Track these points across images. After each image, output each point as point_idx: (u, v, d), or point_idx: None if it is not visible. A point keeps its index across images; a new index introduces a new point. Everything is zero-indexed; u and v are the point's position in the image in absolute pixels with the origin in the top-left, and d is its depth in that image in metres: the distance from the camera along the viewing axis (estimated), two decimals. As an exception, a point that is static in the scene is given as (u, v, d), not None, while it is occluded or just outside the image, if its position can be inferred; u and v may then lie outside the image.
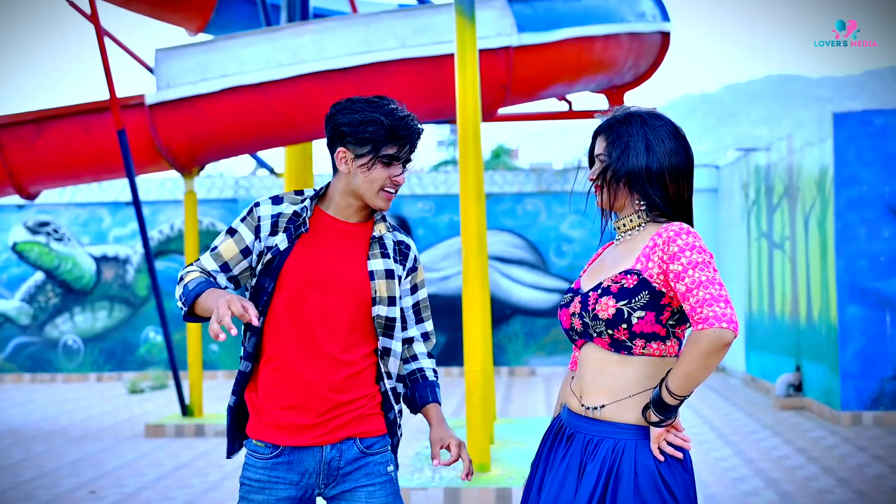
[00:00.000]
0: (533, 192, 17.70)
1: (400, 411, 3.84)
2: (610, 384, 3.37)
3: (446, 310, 17.12)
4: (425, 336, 3.91)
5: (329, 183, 3.80)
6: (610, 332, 3.32)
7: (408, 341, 3.88)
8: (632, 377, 3.34)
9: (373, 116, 3.62)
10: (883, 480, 8.87)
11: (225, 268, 3.74)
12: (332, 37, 11.59)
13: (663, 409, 3.24)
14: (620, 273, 3.36)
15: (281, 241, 3.70)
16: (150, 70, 12.11)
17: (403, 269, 3.82)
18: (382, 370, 3.76)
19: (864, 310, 11.67)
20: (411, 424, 11.82)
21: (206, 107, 11.59)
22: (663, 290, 3.29)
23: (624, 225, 3.50)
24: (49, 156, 11.77)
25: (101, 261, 18.02)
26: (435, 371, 3.92)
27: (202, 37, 15.12)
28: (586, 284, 3.48)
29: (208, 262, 3.75)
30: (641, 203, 3.46)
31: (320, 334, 3.68)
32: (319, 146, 11.89)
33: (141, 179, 17.40)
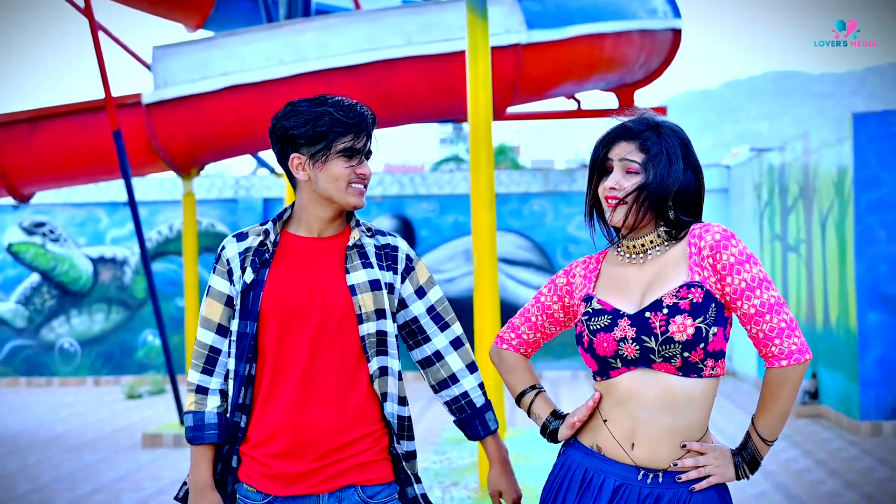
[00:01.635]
0: (539, 193, 17.37)
1: (408, 452, 3.47)
2: (673, 425, 3.01)
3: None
4: (456, 343, 3.51)
5: (292, 203, 3.47)
6: (686, 354, 2.95)
7: (437, 357, 3.49)
8: (696, 409, 3.00)
9: (319, 111, 3.30)
10: (911, 497, 8.55)
11: (222, 331, 3.40)
12: (336, 34, 11.29)
13: (758, 463, 3.08)
14: (681, 287, 2.99)
15: (248, 275, 3.35)
16: (148, 67, 11.79)
17: (395, 275, 3.43)
18: (379, 392, 3.37)
19: (884, 315, 11.32)
20: (417, 433, 11.49)
21: (206, 106, 11.28)
22: (723, 301, 3.00)
23: (643, 245, 3.12)
24: (43, 156, 11.47)
25: (98, 262, 17.68)
26: (482, 387, 3.51)
27: (202, 33, 14.82)
28: (624, 305, 3.07)
29: (204, 336, 3.42)
30: (661, 223, 3.12)
31: (311, 369, 3.30)
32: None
33: (139, 179, 17.08)
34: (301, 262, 3.37)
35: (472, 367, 3.50)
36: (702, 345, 2.94)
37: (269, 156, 15.83)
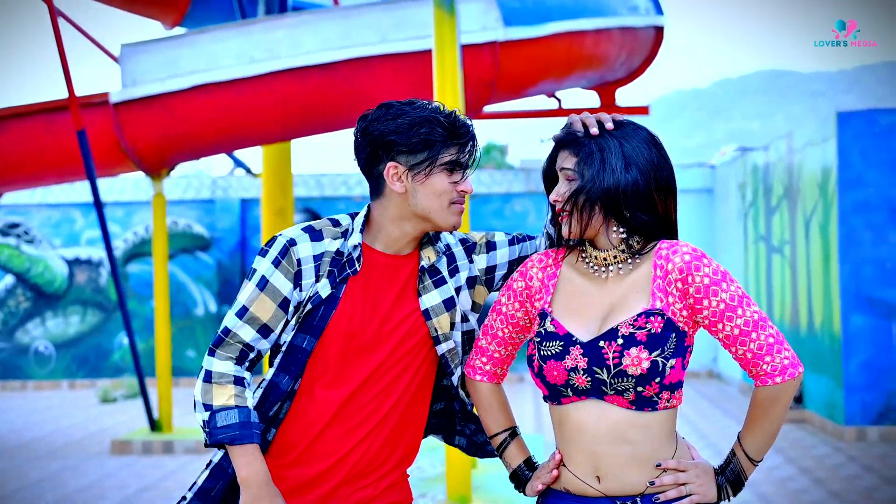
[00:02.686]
0: (522, 193, 17.17)
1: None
2: (634, 453, 2.78)
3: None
4: None
5: (368, 209, 3.11)
6: (640, 388, 2.73)
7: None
8: (656, 438, 2.79)
9: (423, 116, 2.96)
10: (895, 507, 8.33)
11: (265, 331, 3.03)
12: (309, 31, 11.05)
13: (741, 483, 2.88)
14: (639, 315, 2.76)
15: (323, 287, 3.01)
16: (118, 61, 11.54)
17: (459, 273, 3.15)
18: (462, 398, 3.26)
19: (869, 319, 11.10)
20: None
21: (175, 105, 11.03)
22: (685, 329, 2.79)
23: (605, 260, 2.86)
24: (9, 157, 11.22)
25: (73, 264, 17.42)
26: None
27: (179, 31, 14.59)
28: (579, 329, 2.82)
29: (244, 331, 3.01)
30: (621, 230, 2.84)
31: (367, 401, 3.04)
32: (298, 145, 11.35)
33: (114, 179, 16.84)
34: (379, 282, 3.06)
35: None
36: (657, 379, 2.73)
37: (245, 156, 15.64)
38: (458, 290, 3.12)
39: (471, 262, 3.17)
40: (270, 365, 3.10)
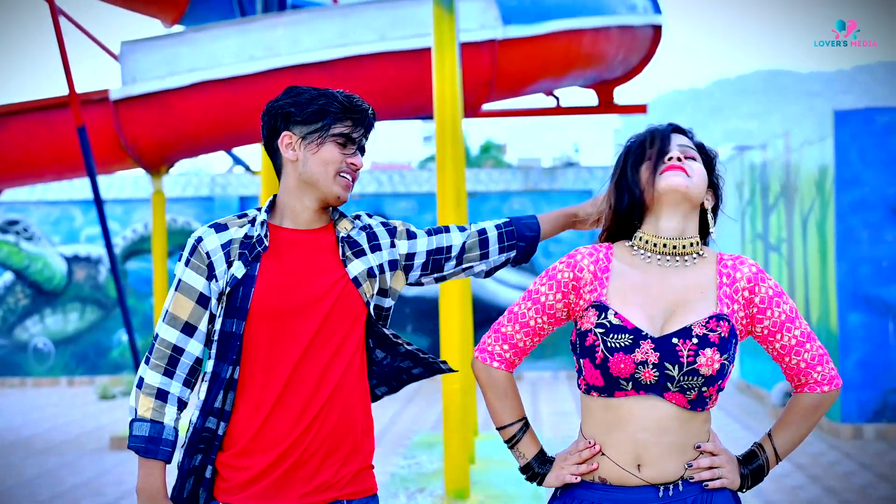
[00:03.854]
0: (520, 191, 17.19)
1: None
2: (675, 444, 2.83)
3: (429, 313, 16.61)
4: (461, 229, 3.37)
5: (275, 195, 3.20)
6: (704, 388, 2.80)
7: (449, 250, 3.34)
8: (696, 432, 2.86)
9: (322, 92, 3.11)
10: (890, 504, 8.36)
11: (188, 330, 3.09)
12: (308, 29, 11.08)
13: (762, 476, 3.02)
14: (711, 318, 2.82)
15: (237, 269, 3.07)
16: (118, 59, 11.57)
17: (381, 250, 3.21)
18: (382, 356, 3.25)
19: (866, 317, 11.14)
20: (389, 436, 11.32)
21: (175, 102, 11.06)
22: (740, 335, 2.94)
23: (684, 247, 2.93)
24: (8, 154, 11.24)
25: (72, 261, 17.45)
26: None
27: (178, 29, 14.62)
28: (646, 324, 2.83)
29: (167, 333, 3.09)
30: (704, 214, 3.02)
31: (305, 370, 3.07)
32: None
33: (114, 177, 16.86)
34: (294, 256, 3.12)
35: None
36: (720, 380, 2.82)
37: (244, 153, 15.63)
38: (380, 267, 3.18)
39: (393, 245, 3.24)
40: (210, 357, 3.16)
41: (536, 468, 3.04)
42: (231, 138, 11.56)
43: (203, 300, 3.08)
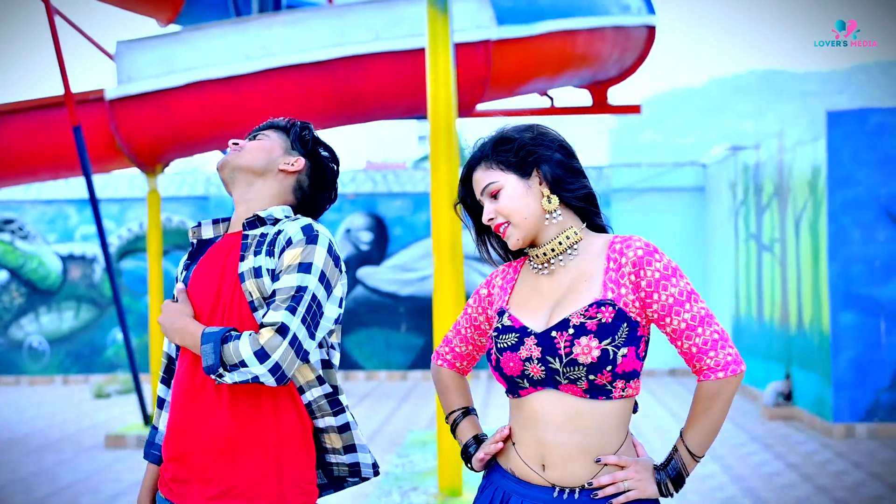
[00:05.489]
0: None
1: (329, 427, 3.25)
2: (582, 444, 2.86)
3: (424, 312, 16.64)
4: (261, 326, 3.02)
5: None
6: (591, 377, 2.80)
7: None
8: (607, 428, 2.87)
9: None
10: (882, 502, 8.39)
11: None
12: (304, 29, 11.11)
13: (683, 480, 2.92)
14: (591, 305, 2.84)
15: (181, 275, 3.32)
16: (113, 58, 11.59)
17: (274, 258, 3.11)
18: (301, 382, 3.16)
19: (858, 317, 11.18)
20: (383, 435, 11.35)
21: (170, 102, 11.08)
22: (638, 319, 2.87)
23: (554, 249, 2.98)
24: (3, 153, 11.26)
25: (67, 260, 17.47)
26: (231, 338, 3.01)
27: (174, 28, 14.64)
28: (533, 322, 2.92)
29: (164, 342, 3.43)
30: (557, 214, 2.97)
31: (196, 366, 3.15)
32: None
33: (109, 176, 16.88)
34: (210, 261, 3.25)
35: (245, 338, 2.99)
36: (609, 367, 2.80)
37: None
38: (270, 270, 3.10)
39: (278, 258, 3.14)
40: None
41: (471, 450, 3.12)
42: (227, 137, 11.57)
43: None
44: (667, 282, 2.84)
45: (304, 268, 3.05)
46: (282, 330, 2.97)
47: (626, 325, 2.83)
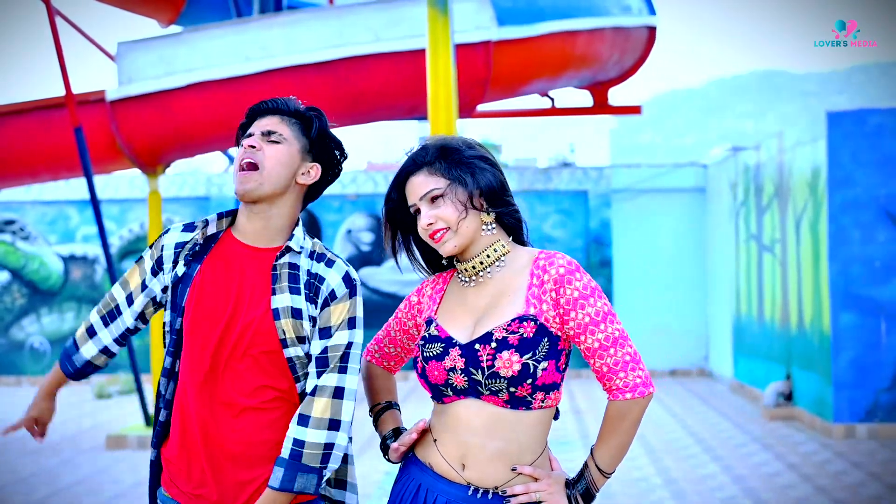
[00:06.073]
0: (516, 191, 17.11)
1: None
2: (502, 450, 2.95)
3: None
4: (314, 392, 3.11)
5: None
6: (512, 389, 2.89)
7: (301, 397, 3.20)
8: (525, 438, 2.96)
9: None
10: (881, 503, 8.40)
11: (130, 300, 3.31)
12: (304, 30, 11.13)
13: (592, 496, 3.00)
14: (514, 320, 2.93)
15: (180, 268, 3.21)
16: (114, 59, 11.61)
17: (316, 308, 3.16)
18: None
19: (858, 317, 11.19)
20: (374, 444, 11.35)
21: (171, 103, 11.11)
22: (559, 334, 2.96)
23: (483, 262, 3.04)
24: (4, 154, 11.28)
25: (68, 260, 17.48)
26: (298, 443, 3.07)
27: (175, 29, 14.65)
28: (459, 333, 3.00)
29: (117, 292, 3.34)
30: (490, 228, 3.03)
31: (214, 380, 3.14)
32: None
33: (110, 177, 16.89)
34: (229, 268, 3.19)
35: (302, 419, 3.08)
36: (529, 380, 2.89)
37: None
38: (311, 318, 3.16)
39: (319, 313, 3.18)
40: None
41: (387, 443, 3.19)
42: (227, 138, 11.60)
43: (144, 286, 3.28)
44: (584, 301, 2.92)
45: (352, 323, 3.17)
46: (338, 392, 3.10)
47: (547, 339, 2.91)
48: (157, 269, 3.25)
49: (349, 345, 3.15)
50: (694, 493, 8.77)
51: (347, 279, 3.19)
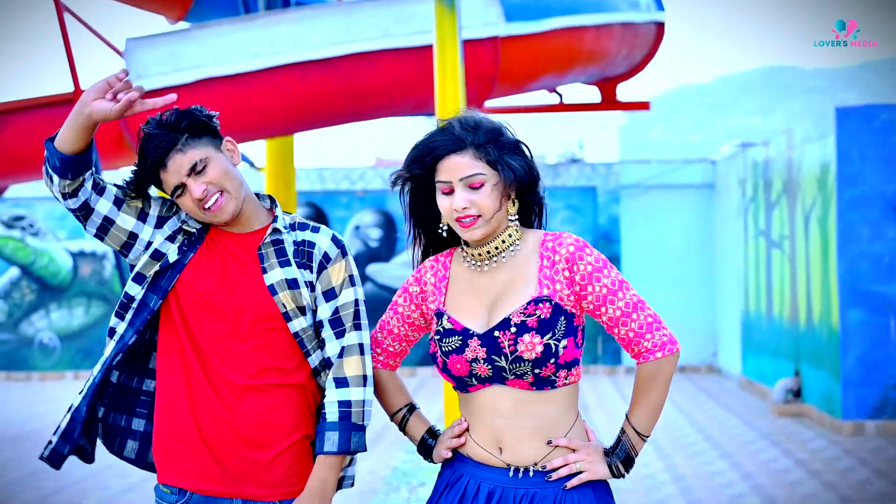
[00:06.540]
0: (523, 187, 17.19)
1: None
2: (535, 427, 2.98)
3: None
4: (342, 353, 3.19)
5: None
6: (537, 371, 2.92)
7: (327, 363, 3.22)
8: (555, 413, 2.99)
9: (138, 160, 3.18)
10: (887, 500, 8.40)
11: (143, 216, 3.23)
12: (311, 26, 11.11)
13: (632, 460, 3.06)
14: (529, 303, 2.94)
15: (171, 252, 3.19)
16: (122, 55, 11.61)
17: (312, 273, 3.22)
18: (324, 387, 3.24)
19: (866, 314, 11.17)
20: (392, 431, 11.36)
21: (178, 99, 11.09)
22: (574, 311, 2.99)
23: (498, 248, 3.04)
24: (13, 150, 11.28)
25: (78, 256, 17.52)
26: (344, 404, 3.16)
27: (183, 25, 14.66)
28: (473, 322, 3.01)
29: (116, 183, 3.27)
30: (516, 216, 3.05)
31: (222, 367, 3.15)
32: (300, 139, 11.42)
33: (117, 172, 16.89)
34: (220, 256, 3.22)
35: (340, 382, 3.17)
36: (552, 360, 2.92)
37: (248, 149, 15.66)
38: (308, 283, 3.21)
39: (316, 280, 3.24)
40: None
41: (428, 444, 3.20)
42: (234, 134, 11.58)
43: (142, 216, 3.20)
44: (599, 273, 2.96)
45: (352, 280, 3.24)
46: (361, 349, 3.19)
47: (563, 318, 2.94)
48: (158, 225, 3.21)
49: (356, 301, 3.23)
50: (702, 489, 8.77)
51: (336, 240, 3.27)
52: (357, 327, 3.21)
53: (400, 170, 3.10)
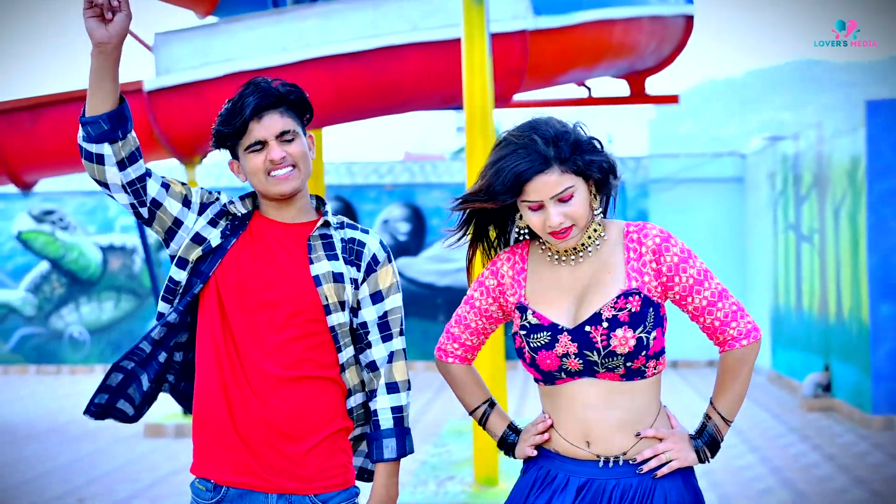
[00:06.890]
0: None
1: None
2: (623, 419, 2.99)
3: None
4: (389, 358, 3.25)
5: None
6: (629, 364, 2.93)
7: (372, 367, 3.25)
8: (642, 403, 3.01)
9: (227, 109, 3.22)
10: (919, 494, 8.36)
11: (167, 186, 3.20)
12: (339, 20, 11.12)
13: (718, 444, 3.10)
14: (619, 297, 2.94)
15: (214, 238, 3.19)
16: (151, 50, 11.65)
17: (359, 272, 3.24)
18: (350, 384, 3.24)
19: (897, 308, 11.10)
20: (420, 425, 11.38)
21: (208, 93, 11.12)
22: (660, 301, 3.01)
23: (583, 244, 3.04)
24: (44, 144, 11.35)
25: (107, 250, 17.61)
26: (398, 410, 3.25)
27: (212, 20, 14.69)
28: (561, 317, 2.98)
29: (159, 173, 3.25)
30: (600, 211, 3.04)
31: (257, 357, 3.14)
32: (328, 132, 11.42)
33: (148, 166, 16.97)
34: (265, 243, 3.21)
35: (391, 387, 3.24)
36: (644, 352, 2.94)
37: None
38: (353, 280, 3.23)
39: (362, 281, 3.25)
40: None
41: (509, 440, 3.21)
42: (263, 129, 11.61)
43: (187, 203, 3.18)
44: (685, 264, 2.99)
45: (398, 287, 3.31)
46: (405, 355, 3.32)
47: (652, 310, 2.95)
48: (200, 210, 3.21)
49: (401, 308, 3.31)
50: (731, 483, 8.74)
51: (383, 245, 3.32)
52: (401, 333, 3.29)
53: (480, 196, 2.99)
